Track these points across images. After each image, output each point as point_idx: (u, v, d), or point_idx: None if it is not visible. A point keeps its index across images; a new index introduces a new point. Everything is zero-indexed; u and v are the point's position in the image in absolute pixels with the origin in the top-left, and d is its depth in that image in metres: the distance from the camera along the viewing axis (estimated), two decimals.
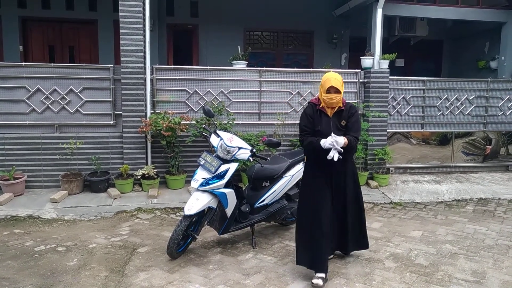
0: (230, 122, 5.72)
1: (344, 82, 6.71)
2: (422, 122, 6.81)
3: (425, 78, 6.77)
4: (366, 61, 6.40)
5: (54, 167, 5.47)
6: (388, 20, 8.42)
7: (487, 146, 7.15)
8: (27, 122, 5.43)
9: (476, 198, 5.60)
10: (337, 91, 3.07)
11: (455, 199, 5.53)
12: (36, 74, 5.44)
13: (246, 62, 6.51)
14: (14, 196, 5.08)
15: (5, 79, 5.37)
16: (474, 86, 6.96)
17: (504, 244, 3.99)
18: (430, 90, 6.76)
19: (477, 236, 4.18)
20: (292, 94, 6.21)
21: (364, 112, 6.27)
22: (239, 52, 6.54)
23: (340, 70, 6.82)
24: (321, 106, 3.17)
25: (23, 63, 5.60)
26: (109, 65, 5.67)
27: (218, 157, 3.64)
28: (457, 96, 6.86)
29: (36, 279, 3.12)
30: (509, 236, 4.20)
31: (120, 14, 5.43)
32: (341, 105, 3.16)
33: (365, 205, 5.15)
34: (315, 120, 3.14)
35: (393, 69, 6.81)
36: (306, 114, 3.21)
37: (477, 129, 7.08)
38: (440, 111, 6.84)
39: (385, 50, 6.69)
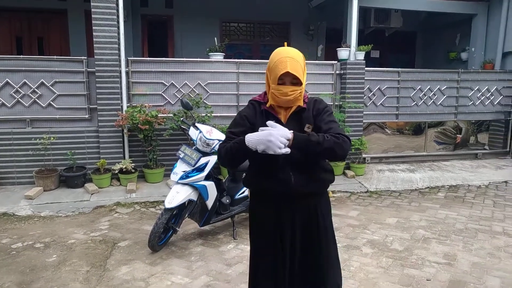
0: (208, 114, 5.70)
1: (321, 74, 6.84)
2: (397, 112, 6.99)
3: (399, 69, 6.94)
4: (342, 53, 6.49)
5: (28, 163, 5.32)
6: (363, 12, 8.55)
7: (457, 135, 7.42)
8: None
9: (448, 185, 5.82)
10: (296, 81, 1.77)
11: (428, 187, 5.74)
12: (4, 67, 5.24)
13: (223, 53, 6.49)
14: None
15: None
16: (446, 77, 7.18)
17: (473, 227, 4.19)
18: (405, 81, 6.94)
19: (448, 221, 4.37)
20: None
21: (341, 103, 6.38)
22: (216, 43, 6.51)
23: (316, 61, 6.89)
24: (268, 105, 1.88)
25: None
26: (82, 57, 5.52)
27: (197, 150, 3.66)
28: (430, 87, 7.07)
29: (15, 276, 3.06)
30: (477, 220, 4.41)
31: (92, 4, 5.29)
32: (301, 104, 1.86)
33: (341, 194, 5.39)
34: (256, 127, 1.76)
35: (369, 61, 6.95)
36: (241, 117, 1.89)
37: (448, 119, 7.33)
38: (414, 101, 7.04)
39: (360, 41, 6.81)
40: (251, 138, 1.67)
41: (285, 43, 1.93)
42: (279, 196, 1.87)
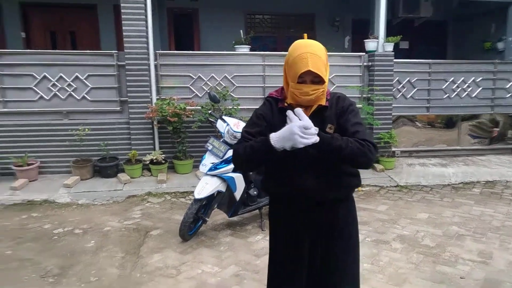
0: (235, 107, 5.76)
1: (348, 66, 6.76)
2: (428, 105, 6.83)
3: (430, 60, 6.76)
4: (370, 44, 6.39)
5: (65, 153, 5.55)
6: (391, 1, 8.32)
7: (494, 129, 7.14)
8: (36, 109, 5.49)
9: (483, 181, 5.63)
10: (318, 79, 1.59)
11: (462, 182, 5.59)
12: (41, 61, 5.46)
13: (249, 46, 6.51)
14: (29, 181, 5.20)
15: (11, 67, 5.40)
16: (481, 68, 6.93)
17: (511, 225, 4.05)
18: (436, 73, 6.76)
19: (484, 218, 4.24)
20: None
21: (369, 96, 6.30)
22: (242, 36, 6.53)
23: (343, 53, 6.82)
24: (286, 103, 1.70)
25: (28, 50, 5.64)
26: (113, 51, 5.69)
27: (225, 142, 3.72)
28: (464, 79, 6.84)
29: (57, 259, 3.24)
30: None
31: None
32: (323, 102, 1.68)
33: (370, 188, 5.35)
34: (273, 127, 1.61)
35: (398, 52, 6.79)
36: (258, 116, 1.74)
37: (484, 112, 7.06)
38: (446, 94, 6.85)
39: (388, 32, 6.67)
40: (276, 137, 1.50)
41: (305, 35, 1.71)
42: (298, 201, 1.74)
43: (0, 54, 5.38)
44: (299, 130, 1.44)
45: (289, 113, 1.50)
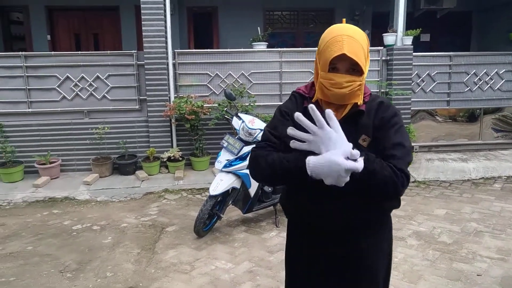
0: (252, 104, 5.78)
1: None
2: (448, 99, 6.64)
3: (451, 53, 6.56)
4: (388, 38, 6.26)
5: (85, 151, 5.73)
6: None
7: None
8: (59, 109, 5.68)
9: (505, 176, 5.46)
10: (355, 68, 1.31)
11: (483, 177, 5.43)
12: (64, 62, 5.65)
13: (266, 43, 6.50)
14: (51, 179, 5.39)
15: (37, 68, 5.61)
16: (505, 59, 6.66)
17: None
18: (457, 65, 6.56)
19: (504, 214, 4.12)
20: (314, 74, 6.17)
21: (387, 90, 6.18)
22: (259, 33, 6.53)
23: None
24: (314, 99, 1.42)
25: (53, 53, 5.81)
26: (132, 51, 5.81)
27: (240, 139, 3.75)
28: (486, 71, 6.61)
29: (76, 255, 3.36)
30: None
31: (141, 0, 5.52)
32: (359, 101, 1.37)
33: None
34: (297, 127, 1.24)
35: (418, 45, 6.64)
36: (282, 114, 1.46)
37: (507, 105, 6.82)
38: (468, 87, 6.64)
39: (409, 25, 6.51)
40: (314, 164, 1.15)
41: (343, 20, 1.45)
42: (319, 227, 1.45)
43: (27, 57, 5.59)
44: (345, 173, 1.11)
45: (312, 108, 1.14)
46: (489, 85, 6.68)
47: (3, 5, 8.07)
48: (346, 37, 1.27)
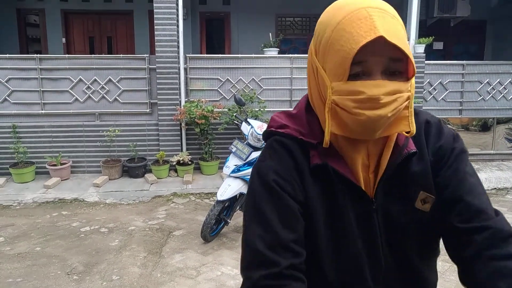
0: (261, 109, 5.78)
1: None
2: (461, 108, 6.55)
3: (464, 62, 6.49)
4: None
5: (96, 153, 5.79)
6: (426, 1, 8.08)
7: None
8: (71, 111, 5.76)
9: None
10: (395, 65, 0.70)
11: (495, 188, 5.33)
12: (78, 65, 5.73)
13: (278, 49, 6.52)
14: (61, 180, 5.46)
15: (51, 71, 5.70)
16: None
17: None
18: (470, 74, 6.48)
19: None
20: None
21: None
22: (271, 39, 6.55)
23: None
24: (326, 141, 0.76)
25: (67, 55, 5.92)
26: (145, 55, 5.87)
27: (249, 144, 3.75)
28: (500, 80, 6.53)
29: (83, 257, 3.38)
30: None
31: (154, 5, 5.59)
32: (411, 128, 0.73)
33: None
34: (313, 205, 0.78)
35: (431, 53, 6.59)
36: (275, 190, 0.76)
37: None
38: (481, 96, 6.55)
39: (422, 32, 6.47)
40: None
41: None
42: None
43: (41, 59, 5.68)
44: None
45: None
46: (502, 94, 6.58)
47: (20, 8, 8.24)
48: (376, 10, 0.69)
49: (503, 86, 6.55)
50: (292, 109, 0.89)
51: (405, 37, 0.71)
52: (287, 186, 0.77)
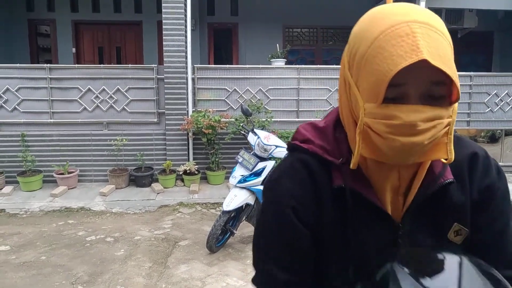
0: (268, 119, 5.79)
1: None
2: (468, 119, 6.50)
3: (471, 73, 6.46)
4: None
5: (103, 162, 5.82)
6: (433, 12, 8.09)
7: None
8: (79, 120, 5.81)
9: None
10: (438, 90, 0.64)
11: None
12: (87, 75, 5.79)
13: (285, 59, 6.56)
14: (68, 189, 5.48)
15: (60, 80, 5.77)
16: None
17: None
18: (478, 85, 6.44)
19: None
20: (331, 91, 6.16)
21: None
22: (278, 50, 6.59)
23: None
24: (354, 163, 0.70)
25: (76, 65, 5.99)
26: (153, 65, 5.93)
27: (255, 155, 3.74)
28: (508, 92, 6.48)
29: (88, 266, 3.38)
30: None
31: (163, 15, 5.66)
32: (450, 156, 0.67)
33: None
34: (326, 229, 0.75)
35: None
36: (288, 216, 0.74)
37: None
38: (489, 107, 6.50)
39: None
40: None
41: None
42: None
43: (51, 69, 5.76)
44: None
45: None
46: (510, 106, 6.54)
47: (32, 18, 8.38)
48: (421, 26, 0.62)
49: (511, 97, 6.50)
50: (321, 119, 0.83)
51: (452, 56, 0.65)
52: (302, 212, 0.74)
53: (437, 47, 0.61)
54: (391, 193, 0.74)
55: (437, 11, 7.96)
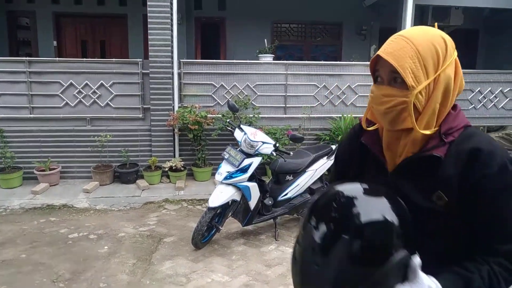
0: (256, 115, 5.75)
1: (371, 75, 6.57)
2: None
3: None
4: None
5: (86, 159, 5.70)
6: (420, 9, 8.14)
7: None
8: (61, 115, 5.66)
9: None
10: (396, 76, 0.95)
11: None
12: (69, 69, 5.65)
13: (273, 55, 6.52)
14: (50, 186, 5.34)
15: (41, 74, 5.61)
16: (510, 78, 6.64)
17: None
18: None
19: None
20: (319, 87, 6.15)
21: None
22: (266, 45, 6.55)
23: (367, 62, 6.66)
24: (374, 126, 1.12)
25: (57, 59, 5.83)
26: (138, 59, 5.82)
27: (242, 151, 3.70)
28: (491, 89, 6.59)
29: (70, 264, 3.30)
30: None
31: (148, 8, 5.55)
32: (413, 127, 0.96)
33: None
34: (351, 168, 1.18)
35: None
36: (335, 161, 1.29)
37: (510, 123, 6.79)
38: (472, 104, 6.60)
39: None
40: None
41: (435, 24, 1.11)
42: None
43: (31, 62, 5.60)
44: None
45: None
46: (493, 103, 6.65)
47: (11, 10, 8.15)
48: (399, 37, 0.95)
49: (494, 94, 6.61)
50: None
51: (411, 57, 0.92)
52: (338, 158, 1.26)
53: (396, 48, 0.94)
54: (393, 154, 1.04)
55: (424, 8, 8.06)
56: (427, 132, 0.96)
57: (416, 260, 0.81)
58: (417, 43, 0.93)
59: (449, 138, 0.96)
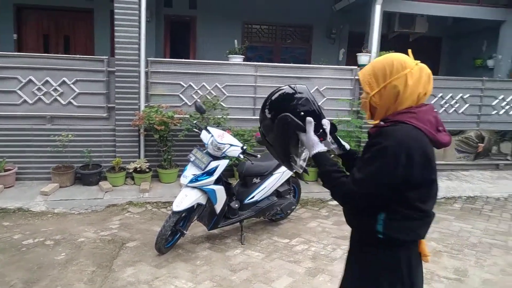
0: (224, 117, 5.69)
1: (339, 79, 6.73)
2: None
3: None
4: (362, 58, 6.37)
5: (45, 159, 5.43)
6: (388, 16, 8.37)
7: (479, 144, 7.15)
8: (18, 113, 5.37)
9: (465, 196, 5.64)
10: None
11: (444, 197, 5.55)
12: (28, 64, 5.37)
13: (243, 56, 6.48)
14: (4, 188, 5.04)
15: None
16: (469, 85, 6.95)
17: (488, 242, 4.05)
18: None
19: (462, 234, 4.24)
20: None
21: (359, 109, 6.25)
22: (236, 46, 6.50)
23: (335, 66, 6.79)
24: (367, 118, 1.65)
25: (16, 53, 5.56)
26: (103, 57, 5.61)
27: (208, 153, 3.65)
28: (452, 95, 6.85)
29: (23, 273, 3.12)
30: (493, 234, 4.27)
31: (115, 4, 5.38)
32: (367, 117, 1.55)
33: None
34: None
35: None
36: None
37: (470, 128, 7.09)
38: (434, 109, 6.81)
39: (384, 46, 6.65)
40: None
41: (409, 51, 1.54)
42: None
43: None
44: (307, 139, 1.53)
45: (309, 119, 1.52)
46: (454, 108, 6.91)
47: None
48: (374, 60, 1.50)
49: (455, 100, 6.87)
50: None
51: (369, 75, 1.46)
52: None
53: (363, 70, 1.50)
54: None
55: (392, 14, 8.28)
56: (372, 121, 1.50)
57: (311, 120, 1.50)
58: (374, 65, 1.45)
59: (381, 124, 1.41)
